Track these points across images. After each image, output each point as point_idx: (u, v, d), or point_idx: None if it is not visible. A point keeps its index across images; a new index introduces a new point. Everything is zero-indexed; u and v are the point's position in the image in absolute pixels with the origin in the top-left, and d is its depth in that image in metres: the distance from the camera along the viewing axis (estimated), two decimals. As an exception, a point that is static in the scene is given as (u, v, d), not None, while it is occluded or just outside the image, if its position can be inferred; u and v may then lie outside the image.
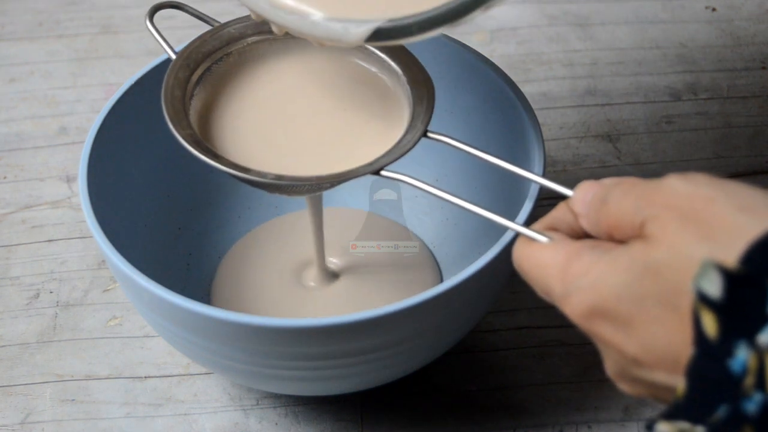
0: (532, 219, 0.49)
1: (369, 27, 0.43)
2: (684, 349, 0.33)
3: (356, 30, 0.44)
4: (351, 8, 0.45)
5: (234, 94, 0.53)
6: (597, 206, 0.39)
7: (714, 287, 0.32)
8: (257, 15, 0.47)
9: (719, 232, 0.33)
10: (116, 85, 0.77)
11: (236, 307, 0.60)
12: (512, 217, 0.49)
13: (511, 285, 0.57)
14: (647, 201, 0.36)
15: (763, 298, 0.31)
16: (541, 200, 0.52)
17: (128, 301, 0.63)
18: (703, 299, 0.32)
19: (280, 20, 0.46)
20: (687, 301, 0.33)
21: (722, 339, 0.32)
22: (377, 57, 0.53)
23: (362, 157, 0.48)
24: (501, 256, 0.48)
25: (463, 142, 0.48)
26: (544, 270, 0.39)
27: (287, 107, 0.53)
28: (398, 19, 0.43)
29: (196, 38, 0.53)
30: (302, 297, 0.61)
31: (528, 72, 0.80)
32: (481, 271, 0.48)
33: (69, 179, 0.72)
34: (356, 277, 0.62)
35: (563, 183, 0.44)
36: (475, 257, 0.49)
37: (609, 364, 0.38)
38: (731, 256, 0.32)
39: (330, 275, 0.61)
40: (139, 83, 0.58)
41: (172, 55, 0.52)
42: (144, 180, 0.60)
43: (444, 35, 0.59)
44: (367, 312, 0.45)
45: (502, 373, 0.60)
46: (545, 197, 0.51)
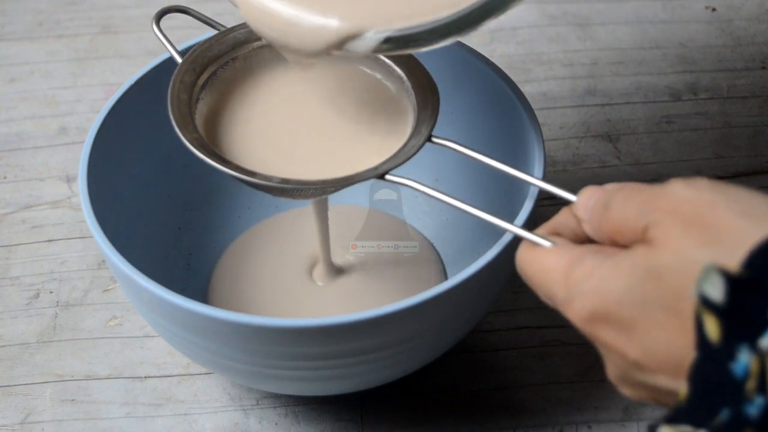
0: (533, 218, 0.49)
1: (379, 36, 0.43)
2: (686, 353, 0.33)
3: (365, 39, 0.44)
4: (361, 17, 0.44)
5: (240, 99, 0.53)
6: (600, 211, 0.39)
7: (716, 291, 0.32)
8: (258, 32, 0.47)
9: (722, 237, 0.33)
10: (116, 85, 0.76)
11: (236, 305, 0.60)
12: (513, 216, 0.49)
13: (511, 285, 0.57)
14: (650, 206, 0.36)
15: (766, 303, 0.31)
16: (542, 200, 0.52)
17: (128, 301, 0.63)
18: (706, 303, 0.32)
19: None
20: (689, 306, 0.33)
21: (724, 343, 0.32)
22: (382, 63, 0.53)
23: (367, 162, 0.49)
24: (501, 256, 0.48)
25: (468, 147, 0.48)
26: (547, 274, 0.39)
27: (293, 112, 0.53)
28: (408, 28, 0.43)
29: (203, 42, 0.53)
30: (305, 294, 0.61)
31: (528, 72, 0.80)
32: (482, 271, 0.48)
33: (69, 179, 0.72)
34: (360, 275, 0.62)
35: (563, 183, 0.44)
36: (476, 257, 0.49)
37: (611, 368, 0.38)
38: (734, 261, 0.32)
39: (335, 271, 0.61)
40: (139, 83, 0.58)
41: (178, 59, 0.52)
42: (144, 180, 0.60)
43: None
44: (367, 312, 0.45)
45: (502, 373, 0.60)
46: (546, 197, 0.50)
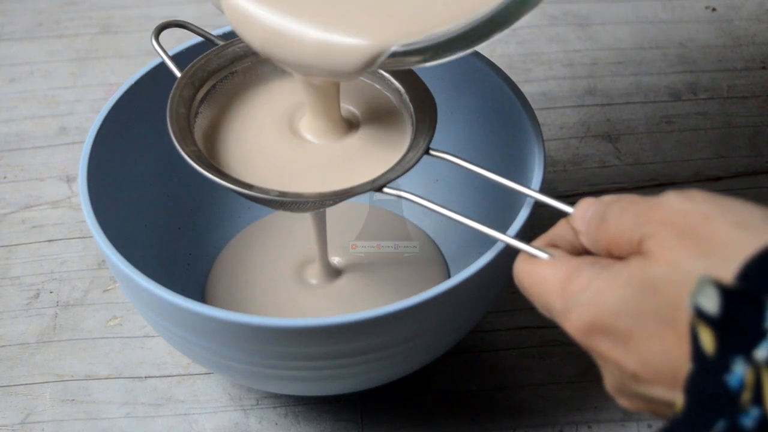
0: (531, 221, 0.49)
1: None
2: (682, 365, 0.34)
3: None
4: (358, 30, 0.44)
5: (238, 112, 0.53)
6: (596, 223, 0.39)
7: (711, 303, 0.32)
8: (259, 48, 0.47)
9: (716, 249, 0.33)
10: (116, 85, 0.77)
11: (232, 306, 0.60)
12: (514, 213, 0.49)
13: (511, 285, 0.57)
14: (645, 218, 0.36)
15: (760, 314, 0.31)
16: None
17: (128, 301, 0.63)
18: (701, 315, 0.32)
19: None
20: (684, 317, 0.33)
21: (719, 354, 0.32)
22: (380, 76, 0.53)
23: (365, 174, 0.49)
24: (501, 256, 0.48)
25: (466, 160, 0.48)
26: (545, 286, 0.39)
27: (291, 124, 0.53)
28: (412, 43, 0.43)
29: (201, 57, 0.53)
30: (303, 295, 0.61)
31: (528, 72, 0.80)
32: (481, 271, 0.48)
33: (69, 179, 0.72)
34: (360, 275, 0.62)
35: (563, 183, 0.44)
36: (475, 257, 0.49)
37: (608, 380, 0.38)
38: (728, 273, 0.32)
39: (333, 272, 0.61)
40: (139, 83, 0.58)
41: (177, 73, 0.52)
42: (144, 180, 0.60)
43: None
44: (367, 312, 0.45)
45: (502, 373, 0.60)
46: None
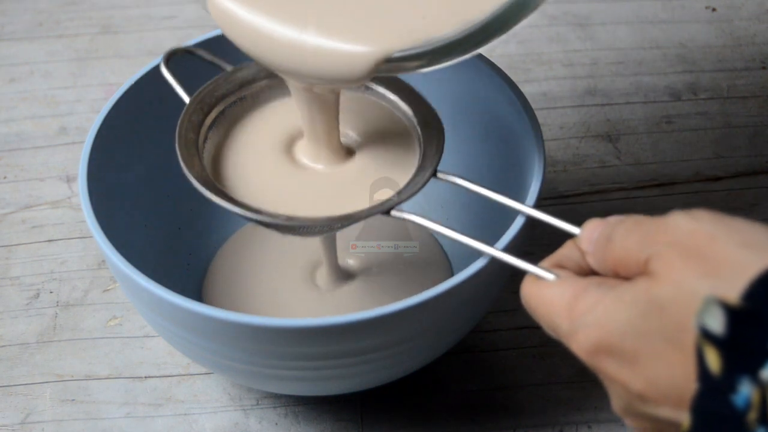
0: (525, 233, 0.49)
1: (378, 55, 0.44)
2: (688, 385, 0.34)
3: (363, 60, 0.44)
4: (359, 37, 0.44)
5: (247, 136, 0.53)
6: (603, 244, 0.39)
7: (717, 323, 0.32)
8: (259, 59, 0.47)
9: (722, 269, 0.33)
10: (116, 85, 0.77)
11: (232, 305, 0.60)
12: (512, 217, 0.49)
13: (511, 285, 0.57)
14: (651, 238, 0.36)
15: (766, 334, 0.31)
16: (542, 200, 0.52)
17: (128, 301, 0.63)
18: (706, 335, 0.32)
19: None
20: (691, 337, 0.33)
21: (725, 375, 0.32)
22: (388, 99, 0.54)
23: (374, 201, 0.49)
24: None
25: (473, 182, 0.48)
26: (551, 307, 0.39)
27: (294, 149, 0.53)
28: (410, 49, 0.43)
29: (210, 82, 0.53)
30: (309, 300, 0.61)
31: (528, 72, 0.80)
32: (482, 271, 0.48)
33: (69, 179, 0.72)
34: (367, 280, 0.62)
35: (563, 183, 0.44)
36: (474, 257, 0.49)
37: (615, 400, 0.38)
38: (734, 292, 0.32)
39: (341, 276, 0.61)
40: (139, 83, 0.58)
41: (186, 99, 0.52)
42: (144, 180, 0.60)
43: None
44: (367, 312, 0.45)
45: (502, 373, 0.60)
46: (546, 197, 0.51)
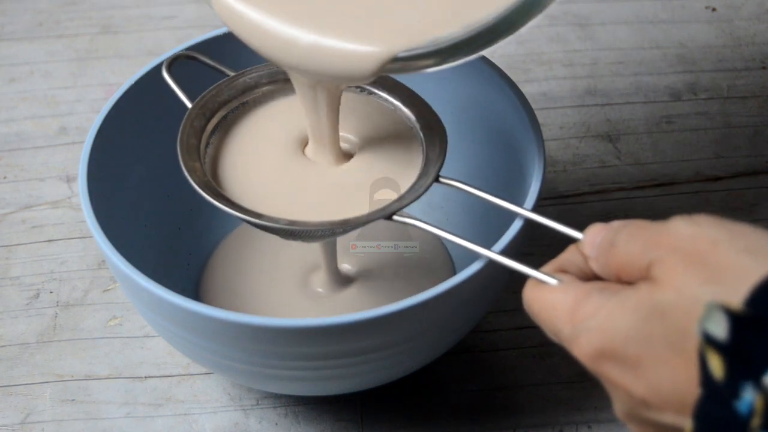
0: (528, 226, 0.49)
1: (385, 54, 0.43)
2: (691, 390, 0.34)
3: (368, 59, 0.43)
4: (366, 36, 0.44)
5: (249, 141, 0.53)
6: (605, 249, 0.39)
7: (720, 329, 0.32)
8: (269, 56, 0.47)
9: (724, 274, 0.33)
10: (116, 85, 0.76)
11: (230, 304, 0.60)
12: (514, 218, 0.49)
13: (511, 285, 0.57)
14: (653, 244, 0.36)
15: None
16: (542, 200, 0.52)
17: (128, 301, 0.63)
18: (709, 341, 0.32)
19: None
20: (693, 343, 0.33)
21: (728, 380, 0.32)
22: (390, 103, 0.54)
23: (374, 202, 0.49)
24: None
25: (475, 187, 0.48)
26: (553, 312, 0.39)
27: (300, 151, 0.53)
28: (417, 48, 0.43)
29: (212, 87, 0.53)
30: (307, 304, 0.61)
31: (528, 72, 0.80)
32: (482, 271, 0.47)
33: (69, 179, 0.72)
34: (368, 282, 0.61)
35: (563, 183, 0.44)
36: (474, 257, 0.49)
37: (618, 406, 0.38)
38: (736, 298, 0.32)
39: (341, 281, 0.61)
40: (139, 83, 0.58)
41: (188, 104, 0.52)
42: (144, 180, 0.60)
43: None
44: (367, 312, 0.45)
45: (502, 373, 0.60)
46: (545, 197, 0.51)
